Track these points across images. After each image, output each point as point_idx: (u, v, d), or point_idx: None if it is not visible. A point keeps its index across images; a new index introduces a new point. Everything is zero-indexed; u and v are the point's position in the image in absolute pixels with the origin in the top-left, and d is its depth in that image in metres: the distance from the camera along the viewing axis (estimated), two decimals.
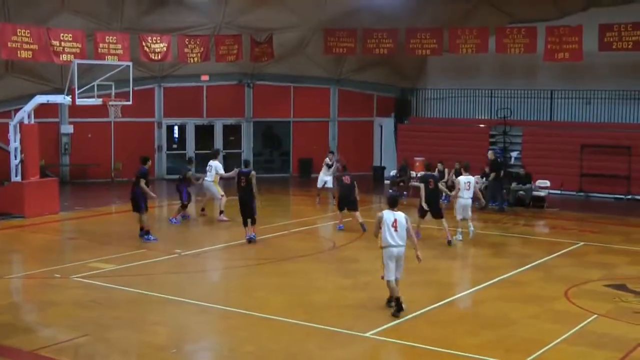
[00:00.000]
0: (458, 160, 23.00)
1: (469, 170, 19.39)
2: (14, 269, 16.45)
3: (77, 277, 14.80)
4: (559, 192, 26.47)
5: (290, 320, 12.09)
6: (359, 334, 11.42)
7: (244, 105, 32.82)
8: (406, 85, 33.55)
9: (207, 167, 21.64)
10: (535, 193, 24.87)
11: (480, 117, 30.88)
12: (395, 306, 12.30)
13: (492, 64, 30.43)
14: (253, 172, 18.36)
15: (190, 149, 32.08)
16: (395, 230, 12.26)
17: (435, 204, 18.68)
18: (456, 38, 29.05)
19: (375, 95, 33.95)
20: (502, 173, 24.41)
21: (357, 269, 15.64)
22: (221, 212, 21.11)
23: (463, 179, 18.98)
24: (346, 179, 20.21)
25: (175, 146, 32.89)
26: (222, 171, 21.65)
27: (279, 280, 14.86)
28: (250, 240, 18.14)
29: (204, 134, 32.54)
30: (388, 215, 12.36)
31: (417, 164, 28.96)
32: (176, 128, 33.00)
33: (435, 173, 20.81)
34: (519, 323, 12.16)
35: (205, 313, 12.77)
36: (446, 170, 25.12)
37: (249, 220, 18.21)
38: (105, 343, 11.15)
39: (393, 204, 12.58)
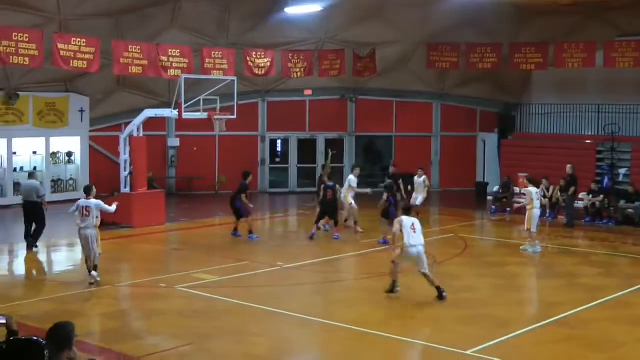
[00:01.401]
0: (562, 177, 22.76)
1: (535, 181, 20.16)
2: (122, 278, 16.96)
3: (181, 287, 15.16)
4: None
5: (389, 336, 12.02)
6: (460, 351, 11.26)
7: (347, 119, 32.99)
8: (510, 100, 32.94)
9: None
10: None
11: (586, 133, 30.03)
12: (391, 287, 14.36)
13: (599, 78, 29.50)
14: (337, 186, 21.27)
15: (293, 163, 32.45)
16: (414, 232, 14.02)
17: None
18: (562, 52, 28.35)
19: (478, 110, 33.49)
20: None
21: (458, 286, 15.38)
22: (355, 222, 21.61)
23: (535, 190, 19.54)
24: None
25: (278, 160, 33.30)
26: (354, 185, 21.92)
27: (380, 295, 14.78)
28: (337, 238, 20.59)
29: (307, 147, 32.82)
30: (407, 219, 14.14)
31: (521, 180, 28.43)
32: (279, 142, 33.44)
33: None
34: (628, 346, 11.72)
35: (305, 326, 12.86)
36: (551, 187, 24.80)
37: (333, 222, 21.03)
38: (207, 353, 11.38)
39: (407, 211, 14.57)
